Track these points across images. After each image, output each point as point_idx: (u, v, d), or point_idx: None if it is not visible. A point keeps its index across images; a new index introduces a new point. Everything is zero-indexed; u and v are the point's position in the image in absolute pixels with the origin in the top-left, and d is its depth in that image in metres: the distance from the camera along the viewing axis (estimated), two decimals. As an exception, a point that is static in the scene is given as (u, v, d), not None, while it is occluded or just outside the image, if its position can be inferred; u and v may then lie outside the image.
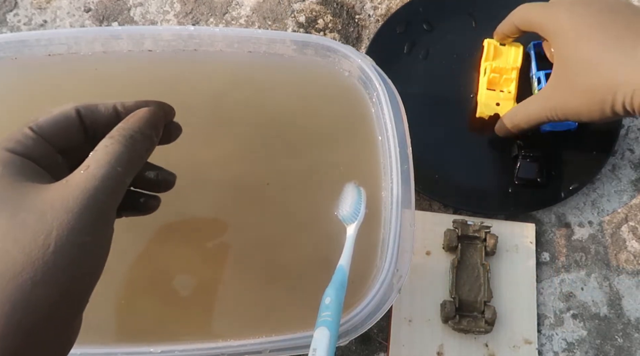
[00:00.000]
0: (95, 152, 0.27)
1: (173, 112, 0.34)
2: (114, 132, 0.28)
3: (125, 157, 0.27)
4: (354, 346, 0.49)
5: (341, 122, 0.46)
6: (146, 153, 0.30)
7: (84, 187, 0.25)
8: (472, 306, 0.47)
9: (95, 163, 0.26)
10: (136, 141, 0.28)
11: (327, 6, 0.60)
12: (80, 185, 0.25)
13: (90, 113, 0.30)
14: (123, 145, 0.27)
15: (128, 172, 0.27)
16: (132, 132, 0.28)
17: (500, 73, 0.54)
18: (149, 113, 0.30)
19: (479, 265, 0.48)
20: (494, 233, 0.49)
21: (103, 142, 0.28)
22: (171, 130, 0.34)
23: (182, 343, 0.38)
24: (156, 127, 0.30)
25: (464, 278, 0.48)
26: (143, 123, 0.29)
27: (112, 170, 0.26)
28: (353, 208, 0.40)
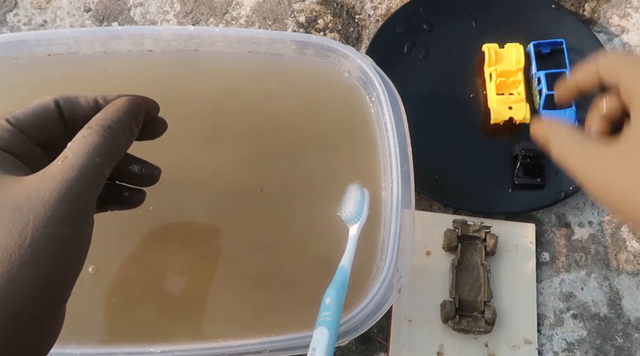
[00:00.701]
0: (73, 142, 0.27)
1: (157, 107, 0.33)
2: (92, 122, 0.28)
3: (103, 147, 0.27)
4: (354, 346, 0.49)
5: (341, 122, 0.46)
6: (126, 143, 0.29)
7: (60, 178, 0.25)
8: (472, 306, 0.47)
9: (72, 154, 0.26)
10: (115, 131, 0.28)
11: (327, 6, 0.60)
12: (57, 176, 0.25)
13: (69, 105, 0.29)
14: (101, 135, 0.27)
15: (107, 162, 0.27)
16: (110, 122, 0.28)
17: (506, 76, 0.54)
18: (128, 102, 0.30)
19: (479, 265, 0.48)
20: (494, 233, 0.49)
21: (81, 132, 0.27)
22: (156, 125, 0.34)
23: (182, 343, 0.38)
24: (136, 117, 0.30)
25: (464, 278, 0.48)
26: (122, 112, 0.29)
27: (90, 161, 0.26)
28: (356, 208, 0.41)
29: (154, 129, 0.34)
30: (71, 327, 0.39)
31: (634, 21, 0.59)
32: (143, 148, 0.45)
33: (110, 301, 0.40)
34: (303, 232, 0.43)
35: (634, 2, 0.60)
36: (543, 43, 0.55)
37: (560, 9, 0.57)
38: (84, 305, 0.40)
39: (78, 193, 0.25)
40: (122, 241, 0.41)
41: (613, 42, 0.59)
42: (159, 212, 0.42)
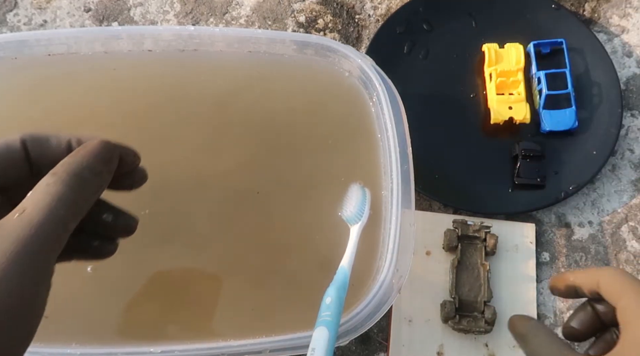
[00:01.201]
0: (34, 192, 0.23)
1: (137, 156, 0.29)
2: (58, 168, 0.24)
3: (69, 198, 0.23)
4: (354, 346, 0.49)
5: (341, 122, 0.46)
6: (95, 193, 0.25)
7: (16, 236, 0.21)
8: (472, 306, 0.47)
9: (32, 206, 0.22)
10: (83, 180, 0.24)
11: (327, 6, 0.60)
12: (12, 234, 0.21)
13: (38, 146, 0.26)
14: (67, 185, 0.23)
15: (72, 216, 0.23)
16: (79, 168, 0.24)
17: (506, 76, 0.54)
18: (100, 146, 0.26)
19: (479, 265, 0.48)
20: (494, 233, 0.49)
21: (44, 179, 0.24)
22: (135, 177, 0.29)
23: (182, 343, 0.38)
24: (108, 163, 0.26)
25: (464, 278, 0.48)
26: (93, 157, 0.25)
27: (52, 215, 0.22)
28: (357, 209, 0.41)
29: (133, 180, 0.30)
30: (71, 327, 0.39)
31: (634, 21, 0.59)
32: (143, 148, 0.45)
33: (110, 302, 0.40)
34: (303, 232, 0.43)
35: (634, 2, 0.60)
36: (543, 43, 0.55)
37: (560, 9, 0.57)
38: (83, 305, 0.40)
39: (36, 255, 0.22)
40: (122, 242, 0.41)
41: (613, 42, 0.59)
42: (159, 211, 0.42)
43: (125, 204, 0.42)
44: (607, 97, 0.55)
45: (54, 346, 0.37)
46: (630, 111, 0.57)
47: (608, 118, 0.54)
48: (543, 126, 0.54)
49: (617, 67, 0.56)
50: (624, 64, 0.58)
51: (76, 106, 0.45)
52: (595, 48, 0.56)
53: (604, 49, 0.56)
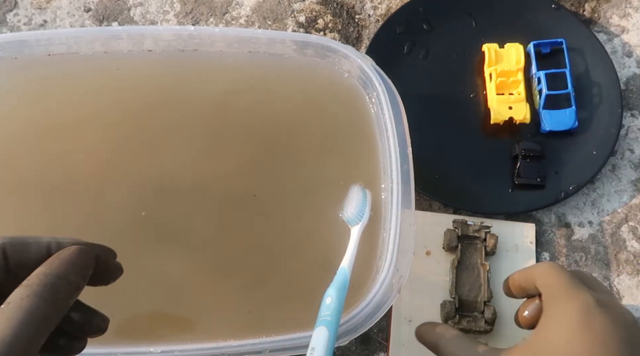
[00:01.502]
0: (8, 305, 0.23)
1: (113, 254, 0.29)
2: (33, 279, 0.24)
3: (42, 313, 0.23)
4: (354, 346, 0.49)
5: (341, 122, 0.46)
6: (69, 303, 0.25)
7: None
8: (472, 306, 0.47)
9: (5, 323, 0.22)
10: (58, 291, 0.24)
11: (327, 6, 0.60)
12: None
13: (16, 253, 0.26)
14: (41, 299, 0.23)
15: (44, 330, 0.23)
16: (54, 279, 0.24)
17: (506, 76, 0.54)
18: (77, 254, 0.26)
19: (478, 265, 0.49)
20: (494, 233, 0.49)
21: (18, 292, 0.23)
22: (111, 272, 0.29)
23: (182, 343, 0.38)
24: (83, 272, 0.26)
25: (463, 278, 0.48)
26: (68, 267, 0.25)
27: (25, 332, 0.22)
28: (358, 210, 0.41)
29: (109, 276, 0.29)
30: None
31: (634, 21, 0.59)
32: (143, 147, 0.45)
33: (110, 302, 0.40)
34: (303, 232, 0.43)
35: (634, 2, 0.60)
36: (543, 43, 0.55)
37: (560, 9, 0.57)
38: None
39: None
40: (120, 242, 0.41)
41: (613, 42, 0.59)
42: (158, 212, 0.42)
43: (124, 204, 0.42)
44: (607, 97, 0.55)
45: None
46: (630, 111, 0.57)
47: (608, 118, 0.54)
48: (543, 126, 0.54)
49: (617, 67, 0.56)
50: (624, 64, 0.58)
51: (76, 106, 0.45)
52: (595, 48, 0.56)
53: (604, 49, 0.56)
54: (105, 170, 0.43)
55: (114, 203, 0.43)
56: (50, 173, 0.43)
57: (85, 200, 0.42)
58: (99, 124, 0.44)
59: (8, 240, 0.25)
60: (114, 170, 0.43)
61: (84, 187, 0.43)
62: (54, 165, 0.43)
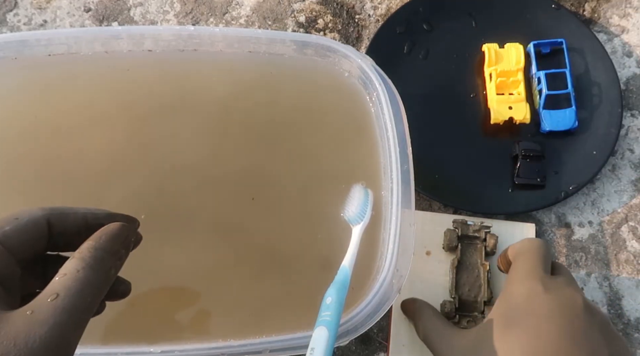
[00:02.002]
0: (65, 276, 0.24)
1: (138, 224, 0.31)
2: (86, 252, 0.26)
3: (96, 285, 0.25)
4: (354, 346, 0.49)
5: (341, 122, 0.46)
6: (115, 274, 0.27)
7: (52, 322, 0.22)
8: (472, 306, 0.47)
9: (65, 292, 0.23)
10: (107, 265, 0.26)
11: (327, 6, 0.60)
12: (48, 320, 0.22)
13: (59, 222, 0.27)
14: (95, 271, 0.25)
15: (97, 300, 0.25)
16: (104, 253, 0.26)
17: (506, 76, 0.54)
18: (122, 229, 0.28)
19: (479, 265, 0.48)
20: (494, 233, 0.49)
21: (74, 264, 0.25)
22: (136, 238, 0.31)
23: (182, 343, 0.38)
24: (128, 245, 0.28)
25: (463, 278, 0.48)
26: (115, 241, 0.27)
27: (83, 301, 0.24)
28: (359, 209, 0.41)
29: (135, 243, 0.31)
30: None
31: (634, 21, 0.59)
32: (143, 147, 0.45)
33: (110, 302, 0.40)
34: (303, 232, 0.43)
35: (634, 2, 0.60)
36: (543, 43, 0.55)
37: (560, 9, 0.57)
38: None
39: (69, 340, 0.23)
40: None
41: (613, 42, 0.59)
42: (159, 212, 0.42)
43: (126, 203, 0.42)
44: (607, 97, 0.55)
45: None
46: (630, 111, 0.57)
47: (608, 118, 0.54)
48: (543, 126, 0.54)
49: (617, 67, 0.56)
50: (624, 64, 0.58)
51: (76, 106, 0.45)
52: (595, 48, 0.56)
53: (604, 49, 0.56)
54: (105, 171, 0.43)
55: (113, 205, 0.43)
56: (51, 174, 0.43)
57: (85, 201, 0.42)
58: (99, 124, 0.44)
59: (51, 211, 0.27)
60: (114, 170, 0.43)
61: (84, 187, 0.43)
62: (54, 165, 0.43)
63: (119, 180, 0.43)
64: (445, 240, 0.49)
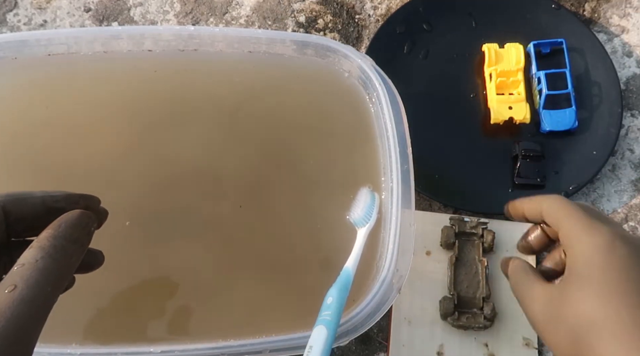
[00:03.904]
0: (23, 266, 0.23)
1: (97, 200, 0.30)
2: (45, 241, 0.25)
3: (56, 274, 0.24)
4: (354, 346, 0.49)
5: (341, 122, 0.46)
6: (77, 262, 0.26)
7: (10, 314, 0.22)
8: (471, 302, 0.47)
9: (23, 283, 0.23)
10: (67, 253, 0.25)
11: (327, 6, 0.60)
12: (5, 312, 0.22)
13: (16, 208, 0.26)
14: (55, 260, 0.24)
15: (58, 290, 0.24)
16: (64, 241, 0.25)
17: (506, 76, 0.54)
18: (82, 217, 0.27)
19: (476, 262, 0.48)
20: (491, 229, 0.49)
21: (32, 254, 0.24)
22: (100, 216, 0.30)
23: (182, 343, 0.38)
24: (88, 232, 0.27)
25: (462, 275, 0.48)
26: (75, 229, 0.26)
27: (43, 292, 0.23)
28: (365, 212, 0.41)
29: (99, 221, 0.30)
30: (71, 327, 0.39)
31: (634, 21, 0.59)
32: (143, 147, 0.45)
33: (110, 302, 0.40)
34: (303, 232, 0.43)
35: (634, 2, 0.60)
36: (543, 43, 0.55)
37: (560, 9, 0.57)
38: (83, 306, 0.40)
39: (28, 333, 0.22)
40: (120, 242, 0.41)
41: (613, 42, 0.59)
42: (158, 211, 0.42)
43: (126, 203, 0.42)
44: (607, 97, 0.55)
45: (54, 346, 0.37)
46: (630, 111, 0.57)
47: (608, 118, 0.54)
48: (543, 126, 0.54)
49: (617, 67, 0.56)
50: (624, 64, 0.58)
51: (76, 106, 0.45)
52: (595, 48, 0.56)
53: (604, 49, 0.56)
54: (104, 171, 0.43)
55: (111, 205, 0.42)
56: (50, 173, 0.43)
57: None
58: (99, 124, 0.44)
59: (5, 197, 0.27)
60: (114, 170, 0.43)
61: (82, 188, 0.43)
62: (53, 164, 0.43)
63: (118, 181, 0.43)
64: (442, 237, 0.49)
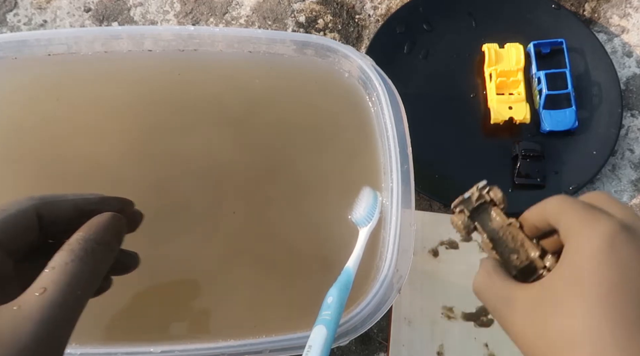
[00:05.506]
0: (53, 269, 0.23)
1: (131, 203, 0.30)
2: (75, 244, 0.24)
3: (86, 277, 0.24)
4: (354, 346, 0.49)
5: (341, 122, 0.46)
6: (107, 268, 0.26)
7: (40, 318, 0.21)
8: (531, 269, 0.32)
9: (53, 286, 0.22)
10: (97, 256, 0.25)
11: (327, 6, 0.60)
12: (35, 316, 0.21)
13: (49, 212, 0.26)
14: (84, 263, 0.24)
15: (88, 293, 0.24)
16: (94, 244, 0.25)
17: (506, 76, 0.54)
18: (113, 219, 0.27)
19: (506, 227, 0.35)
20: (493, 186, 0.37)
21: (62, 257, 0.24)
22: (135, 220, 0.31)
23: (182, 343, 0.38)
24: (119, 235, 0.27)
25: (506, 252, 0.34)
26: (106, 232, 0.26)
27: (72, 295, 0.23)
28: (367, 212, 0.41)
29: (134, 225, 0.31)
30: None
31: (634, 21, 0.59)
32: (142, 147, 0.45)
33: (110, 302, 0.40)
34: (303, 232, 0.43)
35: (634, 2, 0.60)
36: (543, 43, 0.55)
37: (560, 9, 0.57)
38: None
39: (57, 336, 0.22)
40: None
41: (613, 42, 0.59)
42: (158, 211, 0.42)
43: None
44: (607, 97, 0.55)
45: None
46: (630, 111, 0.57)
47: (608, 118, 0.54)
48: (543, 126, 0.54)
49: (617, 67, 0.56)
50: (624, 64, 0.58)
51: (75, 106, 0.45)
52: (595, 48, 0.56)
53: (604, 49, 0.56)
54: (104, 171, 0.43)
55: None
56: (50, 173, 0.43)
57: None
58: (99, 124, 0.44)
59: (39, 200, 0.26)
60: (114, 170, 0.43)
61: (82, 188, 0.43)
62: (53, 164, 0.43)
63: (118, 181, 0.43)
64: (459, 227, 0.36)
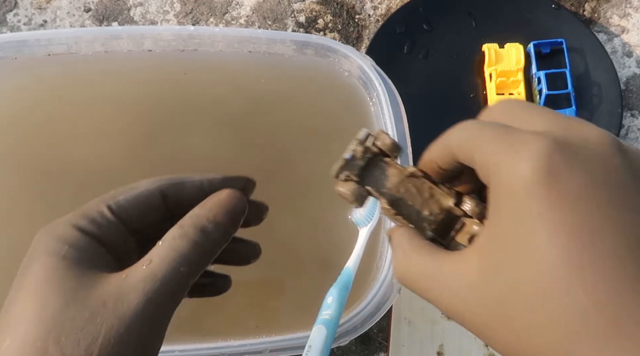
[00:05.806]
0: (162, 243, 0.23)
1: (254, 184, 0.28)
2: (186, 220, 0.24)
3: (192, 255, 0.23)
4: (354, 346, 0.49)
5: (341, 122, 0.46)
6: (218, 249, 0.25)
7: (142, 288, 0.22)
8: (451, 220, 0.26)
9: (158, 259, 0.23)
10: (208, 236, 0.24)
11: (327, 6, 0.60)
12: (138, 285, 0.22)
13: (174, 192, 0.26)
14: (192, 241, 0.23)
15: (193, 272, 0.24)
16: (205, 222, 0.24)
17: (506, 76, 0.54)
18: (229, 199, 0.25)
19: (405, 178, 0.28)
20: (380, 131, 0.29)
21: (172, 232, 0.24)
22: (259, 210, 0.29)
23: (182, 343, 0.38)
24: (235, 217, 0.25)
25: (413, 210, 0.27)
26: (220, 212, 0.25)
27: (175, 272, 0.23)
28: (367, 212, 0.41)
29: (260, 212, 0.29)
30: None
31: (634, 21, 0.59)
32: (142, 147, 0.45)
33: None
34: (303, 232, 0.43)
35: (634, 2, 0.60)
36: (543, 43, 0.55)
37: (560, 9, 0.57)
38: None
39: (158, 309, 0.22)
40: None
41: (613, 42, 0.59)
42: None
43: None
44: (607, 97, 0.55)
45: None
46: (630, 111, 0.57)
47: (608, 118, 0.54)
48: (543, 126, 0.54)
49: (617, 67, 0.56)
50: (624, 64, 0.58)
51: (76, 106, 0.45)
52: (595, 48, 0.56)
53: (604, 49, 0.56)
54: (104, 171, 0.43)
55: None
56: (50, 173, 0.43)
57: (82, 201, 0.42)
58: (99, 124, 0.44)
59: (166, 181, 0.26)
60: (113, 170, 0.43)
61: (83, 188, 0.43)
62: (53, 164, 0.43)
63: (119, 181, 0.43)
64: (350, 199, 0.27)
